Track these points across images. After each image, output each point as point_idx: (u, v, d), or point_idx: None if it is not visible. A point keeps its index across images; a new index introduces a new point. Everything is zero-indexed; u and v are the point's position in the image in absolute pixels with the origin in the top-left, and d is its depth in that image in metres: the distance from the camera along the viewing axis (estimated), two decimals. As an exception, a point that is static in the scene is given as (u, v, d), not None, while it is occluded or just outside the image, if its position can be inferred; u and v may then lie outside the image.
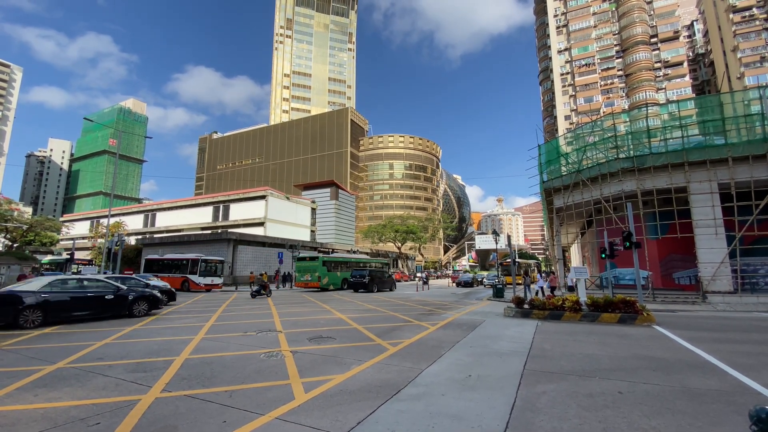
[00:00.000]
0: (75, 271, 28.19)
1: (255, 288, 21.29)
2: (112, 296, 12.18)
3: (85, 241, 55.81)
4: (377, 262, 36.31)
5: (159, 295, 14.01)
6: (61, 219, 70.96)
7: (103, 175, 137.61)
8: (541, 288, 20.72)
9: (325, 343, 8.05)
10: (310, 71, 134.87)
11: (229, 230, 41.50)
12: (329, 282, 28.50)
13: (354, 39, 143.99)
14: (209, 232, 44.45)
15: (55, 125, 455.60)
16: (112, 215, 43.28)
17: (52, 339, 8.42)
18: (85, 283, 12.10)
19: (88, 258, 42.72)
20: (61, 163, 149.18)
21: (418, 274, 50.92)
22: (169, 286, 17.57)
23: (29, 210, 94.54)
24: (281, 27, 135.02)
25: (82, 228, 62.44)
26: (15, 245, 44.03)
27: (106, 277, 14.24)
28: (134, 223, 59.16)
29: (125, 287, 12.82)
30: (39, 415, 4.09)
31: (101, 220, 58.96)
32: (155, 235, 51.38)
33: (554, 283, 21.06)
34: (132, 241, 45.66)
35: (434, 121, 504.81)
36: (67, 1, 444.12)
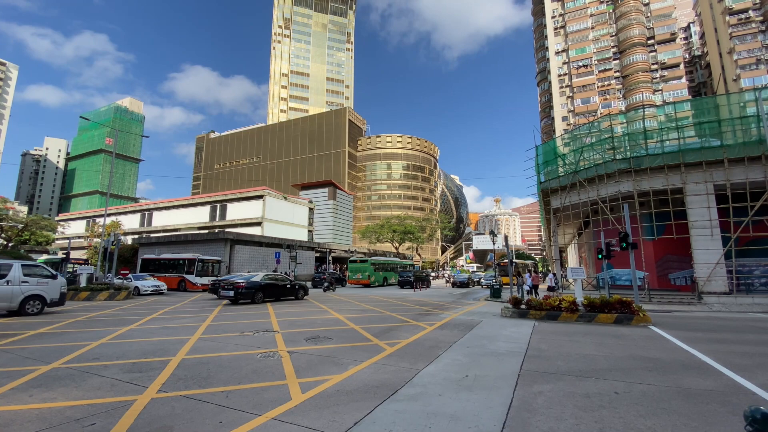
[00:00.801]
0: (70, 271, 27.83)
1: (326, 284, 26.26)
2: (289, 285, 18.47)
3: (81, 240, 55.40)
4: (407, 264, 43.84)
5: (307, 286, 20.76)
6: (57, 218, 70.52)
7: (99, 174, 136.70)
8: (531, 287, 20.94)
9: (323, 344, 8.03)
10: (308, 71, 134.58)
11: (226, 230, 41.32)
12: (375, 280, 33.83)
13: (352, 39, 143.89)
14: (206, 231, 44.27)
15: (51, 124, 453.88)
16: (109, 214, 43.02)
17: (48, 338, 8.35)
18: (277, 276, 18.64)
19: (84, 257, 42.44)
20: (57, 162, 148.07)
21: (444, 273, 62.47)
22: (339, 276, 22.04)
23: (25, 209, 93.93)
24: (279, 26, 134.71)
25: (78, 227, 62.09)
26: (10, 244, 43.75)
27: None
28: (131, 222, 58.81)
29: (294, 280, 19.48)
30: (34, 415, 4.06)
31: (97, 220, 58.60)
32: (152, 235, 51.09)
33: (536, 281, 21.36)
34: (128, 240, 45.35)
35: (432, 121, 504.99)
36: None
